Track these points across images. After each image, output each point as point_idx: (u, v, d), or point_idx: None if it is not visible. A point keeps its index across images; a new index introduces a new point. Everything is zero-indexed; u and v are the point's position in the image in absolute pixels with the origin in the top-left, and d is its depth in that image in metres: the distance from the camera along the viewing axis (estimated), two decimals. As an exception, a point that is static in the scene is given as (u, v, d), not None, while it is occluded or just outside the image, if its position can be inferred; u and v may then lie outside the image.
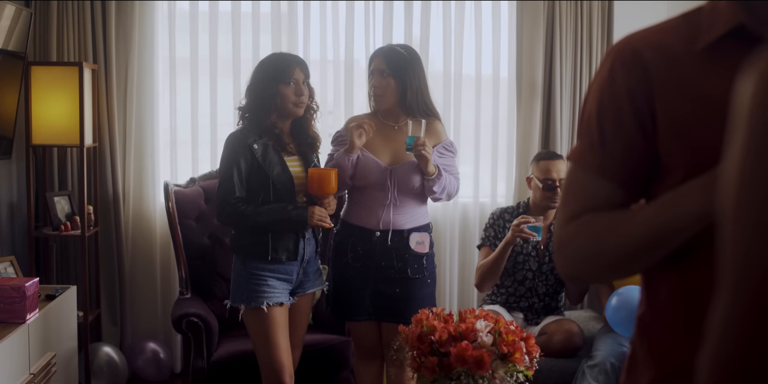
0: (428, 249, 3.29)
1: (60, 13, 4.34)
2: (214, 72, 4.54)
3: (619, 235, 1.11)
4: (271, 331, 3.06)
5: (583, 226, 1.16)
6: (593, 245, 1.14)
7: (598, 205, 1.17)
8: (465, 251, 4.73)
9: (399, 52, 3.28)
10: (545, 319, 3.87)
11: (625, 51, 1.16)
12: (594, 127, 1.18)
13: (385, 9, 4.59)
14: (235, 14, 4.54)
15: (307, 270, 3.19)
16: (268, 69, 3.11)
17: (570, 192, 1.22)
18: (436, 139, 3.31)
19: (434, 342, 2.37)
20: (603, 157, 1.17)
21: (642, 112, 1.14)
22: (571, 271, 1.20)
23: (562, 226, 1.20)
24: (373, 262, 3.22)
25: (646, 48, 1.14)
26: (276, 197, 3.04)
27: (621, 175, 1.16)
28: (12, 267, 3.76)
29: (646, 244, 1.09)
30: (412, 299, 3.21)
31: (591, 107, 1.20)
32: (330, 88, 4.62)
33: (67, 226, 4.18)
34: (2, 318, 3.12)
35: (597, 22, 4.62)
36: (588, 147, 1.19)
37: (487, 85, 4.73)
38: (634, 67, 1.14)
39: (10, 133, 3.94)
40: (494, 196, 4.78)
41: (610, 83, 1.17)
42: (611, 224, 1.13)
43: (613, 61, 1.18)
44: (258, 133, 3.09)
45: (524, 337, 2.46)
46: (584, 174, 1.19)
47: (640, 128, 1.14)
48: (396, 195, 3.21)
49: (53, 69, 4.14)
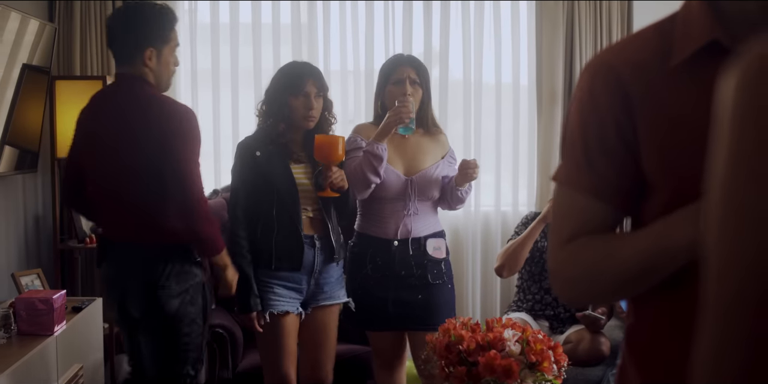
0: (445, 254, 3.29)
1: (83, 27, 4.39)
2: (236, 83, 4.57)
3: (615, 263, 1.09)
4: (275, 339, 3.04)
5: (579, 251, 1.14)
6: (590, 272, 1.13)
7: (592, 226, 1.15)
8: (487, 259, 4.72)
9: (421, 62, 3.31)
10: (570, 327, 3.85)
11: (602, 68, 1.14)
12: (579, 146, 1.16)
13: (405, 18, 4.61)
14: (256, 26, 4.57)
15: (320, 282, 3.12)
16: (281, 78, 3.10)
17: (561, 214, 1.19)
18: (443, 149, 3.33)
19: (462, 351, 2.37)
20: (590, 177, 1.15)
21: (624, 129, 1.11)
22: (569, 295, 1.20)
23: (557, 250, 1.18)
24: (392, 271, 3.20)
25: (622, 66, 1.12)
26: (280, 206, 3.01)
27: (609, 193, 1.15)
28: (39, 279, 3.79)
29: (641, 272, 1.08)
30: (435, 305, 3.20)
31: (573, 126, 1.18)
32: (350, 97, 4.65)
33: (92, 239, 4.21)
34: (30, 330, 3.15)
35: (616, 27, 4.62)
36: (575, 167, 1.17)
37: (507, 93, 4.73)
38: (612, 84, 1.12)
39: (36, 147, 3.98)
40: (515, 204, 4.77)
41: (591, 101, 1.14)
42: (606, 251, 1.11)
43: (592, 78, 1.15)
44: (266, 140, 3.08)
45: (552, 345, 2.45)
46: (573, 194, 1.17)
47: (624, 145, 1.12)
48: (416, 204, 3.21)
49: (77, 83, 4.18)
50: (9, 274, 3.76)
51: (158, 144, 2.67)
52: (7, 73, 3.58)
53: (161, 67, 2.80)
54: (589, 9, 4.60)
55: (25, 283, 3.68)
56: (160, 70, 2.80)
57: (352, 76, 4.65)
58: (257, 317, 3.01)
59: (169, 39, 2.79)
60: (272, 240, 3.02)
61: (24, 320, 3.15)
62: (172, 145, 2.68)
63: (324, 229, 3.10)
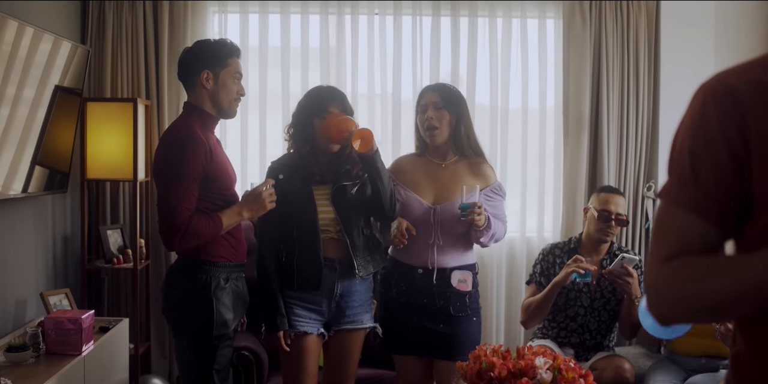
0: (470, 287, 3.23)
1: (114, 50, 4.45)
2: (264, 106, 4.61)
3: (716, 285, 1.09)
4: (295, 359, 3.04)
5: (680, 270, 1.14)
6: (690, 291, 1.12)
7: (692, 244, 1.15)
8: (511, 286, 4.70)
9: (450, 87, 3.31)
10: (595, 355, 3.83)
11: (718, 86, 1.15)
12: (686, 163, 1.16)
13: (432, 43, 4.64)
14: (284, 49, 4.62)
15: (342, 305, 3.12)
16: (306, 102, 3.16)
17: (662, 230, 1.19)
18: (484, 182, 3.26)
19: (494, 378, 2.35)
20: (696, 194, 1.15)
21: (735, 147, 1.12)
22: (666, 312, 1.17)
23: (657, 267, 1.17)
24: (415, 298, 3.20)
25: (740, 83, 1.13)
26: (300, 228, 3.04)
27: (714, 211, 1.15)
28: (67, 299, 3.81)
29: (742, 298, 1.07)
30: (456, 337, 3.17)
31: (682, 143, 1.18)
32: (378, 121, 4.67)
33: (120, 259, 4.24)
34: (59, 350, 3.17)
35: (643, 53, 4.62)
36: (680, 183, 1.17)
37: (534, 119, 4.74)
38: (726, 101, 1.13)
39: (66, 168, 4.02)
40: (541, 231, 4.76)
41: (702, 118, 1.15)
42: (708, 271, 1.11)
43: (704, 96, 1.16)
44: (291, 163, 3.12)
45: (583, 373, 2.43)
46: (676, 211, 1.17)
47: (733, 163, 1.12)
48: (439, 234, 3.18)
49: (108, 105, 4.23)
50: (38, 293, 3.78)
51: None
52: (39, 94, 3.63)
53: (219, 89, 2.89)
54: (616, 34, 4.61)
55: (53, 303, 3.70)
56: (217, 93, 2.89)
57: (379, 100, 4.67)
58: (284, 337, 3.02)
59: (225, 64, 2.90)
60: (294, 260, 3.04)
61: (53, 340, 3.18)
62: (153, 170, 2.88)
63: (346, 252, 3.10)
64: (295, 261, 3.03)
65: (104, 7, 4.44)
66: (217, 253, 2.85)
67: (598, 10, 4.61)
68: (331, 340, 3.15)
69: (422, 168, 3.29)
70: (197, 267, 2.83)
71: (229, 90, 2.90)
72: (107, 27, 4.43)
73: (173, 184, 2.74)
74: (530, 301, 3.78)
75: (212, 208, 2.83)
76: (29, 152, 3.60)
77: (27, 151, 3.58)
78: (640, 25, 4.63)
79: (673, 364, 3.78)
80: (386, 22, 4.64)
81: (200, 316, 2.79)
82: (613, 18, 4.62)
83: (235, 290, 2.90)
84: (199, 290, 2.80)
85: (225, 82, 2.89)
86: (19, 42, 3.36)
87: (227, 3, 4.61)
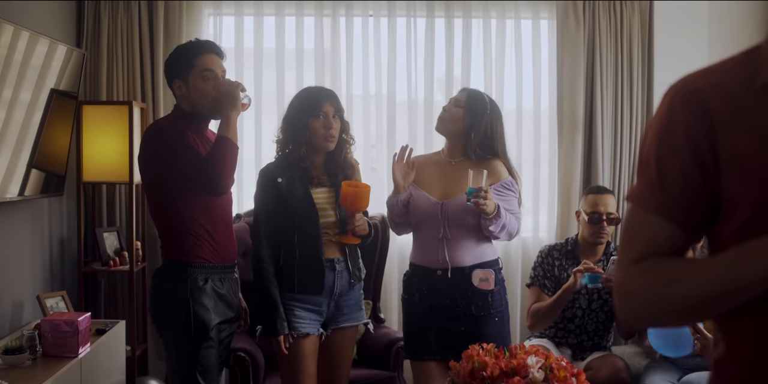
0: (493, 286, 3.21)
1: (110, 53, 4.46)
2: (259, 108, 4.62)
3: (685, 286, 1.10)
4: (295, 361, 3.05)
5: (648, 272, 1.15)
6: (659, 293, 1.12)
7: (660, 247, 1.16)
8: (508, 286, 4.65)
9: (482, 95, 3.33)
10: (591, 354, 3.84)
11: (685, 90, 1.16)
12: (653, 166, 1.17)
13: (427, 44, 4.65)
14: (279, 51, 4.63)
15: (340, 304, 3.15)
16: (299, 103, 3.16)
17: (631, 233, 1.20)
18: (494, 177, 3.25)
19: (486, 378, 2.36)
20: (663, 199, 1.16)
21: (702, 151, 1.13)
22: (635, 316, 1.18)
23: (626, 269, 1.18)
24: (438, 301, 3.19)
25: (705, 87, 1.14)
26: (301, 231, 3.05)
27: (682, 216, 1.15)
28: (63, 301, 3.83)
29: (712, 298, 1.08)
30: (478, 337, 3.05)
31: (650, 146, 1.19)
32: (372, 122, 4.68)
33: (116, 262, 4.25)
34: (55, 352, 3.18)
35: (637, 54, 4.64)
36: (648, 188, 1.18)
37: (528, 119, 4.75)
38: (693, 105, 1.14)
39: (62, 171, 4.03)
40: (536, 231, 4.77)
41: (669, 122, 1.16)
42: (677, 273, 1.12)
43: (671, 99, 1.17)
44: (287, 165, 3.12)
45: (575, 372, 2.44)
46: (645, 214, 1.18)
47: (699, 167, 1.13)
48: (448, 229, 3.18)
49: (104, 108, 4.25)
50: (34, 295, 3.79)
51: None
52: (35, 97, 3.64)
53: (192, 93, 2.91)
54: (610, 34, 4.63)
55: (50, 305, 3.71)
56: (193, 97, 2.92)
57: (374, 101, 4.68)
58: (284, 340, 3.03)
59: (192, 65, 2.90)
60: (294, 264, 3.05)
61: (49, 342, 3.19)
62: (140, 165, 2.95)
63: (343, 252, 3.14)
64: (296, 265, 3.05)
65: (99, 10, 4.45)
66: (196, 253, 2.86)
67: (592, 11, 4.63)
68: (328, 339, 3.17)
69: (433, 166, 3.33)
70: (178, 269, 2.85)
71: (202, 92, 2.91)
72: (102, 30, 4.44)
73: (180, 150, 2.81)
74: (538, 307, 3.78)
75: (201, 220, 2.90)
76: (25, 155, 3.61)
77: (23, 155, 3.59)
78: (634, 26, 4.64)
79: (668, 363, 3.79)
80: (380, 23, 4.66)
81: (178, 317, 2.80)
82: (606, 18, 4.63)
83: (217, 291, 2.91)
84: (178, 291, 2.82)
85: (196, 86, 2.90)
86: (15, 46, 3.37)
87: (222, 5, 4.62)
